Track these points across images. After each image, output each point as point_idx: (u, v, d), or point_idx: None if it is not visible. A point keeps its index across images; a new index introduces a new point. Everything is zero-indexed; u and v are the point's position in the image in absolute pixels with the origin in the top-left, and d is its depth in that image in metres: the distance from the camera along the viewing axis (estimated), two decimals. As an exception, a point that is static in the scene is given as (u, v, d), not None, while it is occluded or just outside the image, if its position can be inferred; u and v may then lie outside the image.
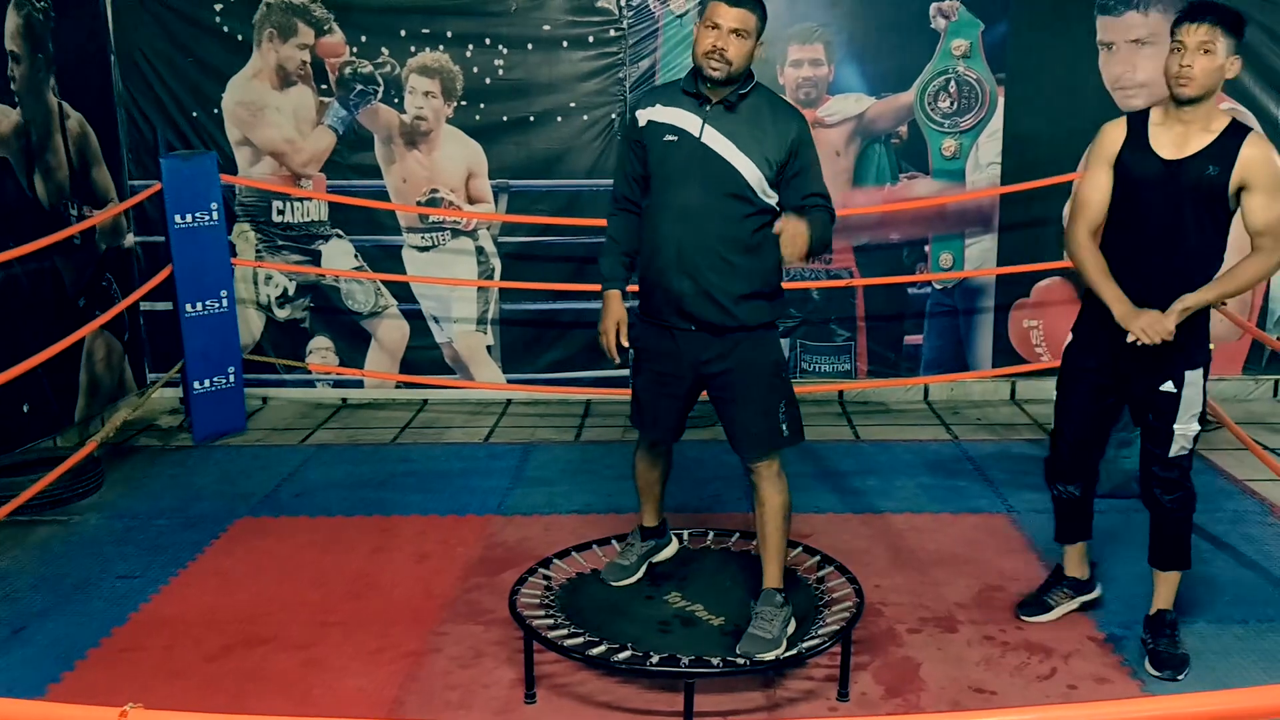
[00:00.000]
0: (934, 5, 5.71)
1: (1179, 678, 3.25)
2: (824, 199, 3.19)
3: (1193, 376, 3.21)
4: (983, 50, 5.73)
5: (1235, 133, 3.10)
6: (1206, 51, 3.02)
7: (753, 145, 3.11)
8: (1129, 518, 4.19)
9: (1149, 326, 3.05)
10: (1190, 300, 3.08)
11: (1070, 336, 3.43)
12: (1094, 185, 3.26)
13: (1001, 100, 5.77)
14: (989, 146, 5.82)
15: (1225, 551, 4.10)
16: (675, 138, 3.16)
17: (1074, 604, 3.62)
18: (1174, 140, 3.13)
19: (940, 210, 5.90)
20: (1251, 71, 5.69)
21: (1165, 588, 3.41)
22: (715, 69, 3.07)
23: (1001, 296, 5.99)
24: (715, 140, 3.12)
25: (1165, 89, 3.15)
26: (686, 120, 3.15)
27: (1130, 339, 3.08)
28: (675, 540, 3.76)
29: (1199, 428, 3.27)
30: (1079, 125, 5.28)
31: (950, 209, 5.90)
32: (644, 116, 3.24)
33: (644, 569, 3.62)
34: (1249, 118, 5.71)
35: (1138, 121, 3.21)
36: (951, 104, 5.79)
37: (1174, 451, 3.26)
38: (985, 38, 5.72)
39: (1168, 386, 3.21)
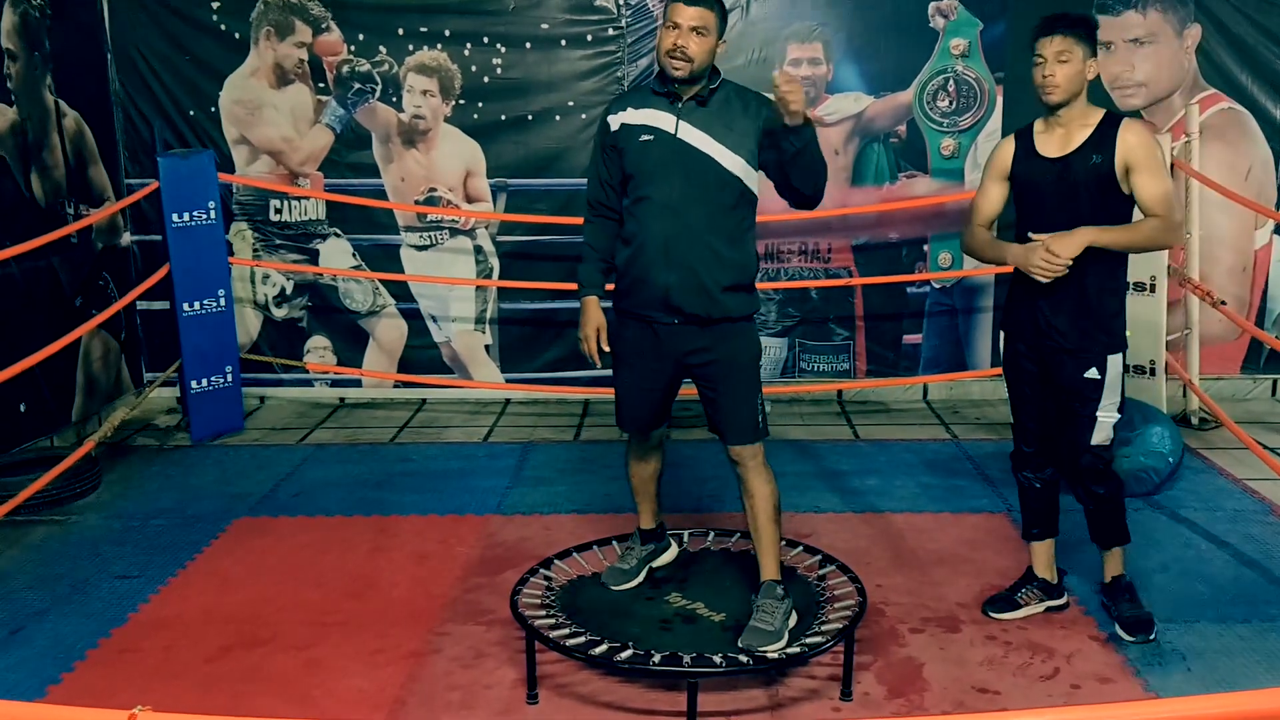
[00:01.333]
0: (933, 4, 5.70)
1: (1152, 637, 3.41)
2: None
3: (1114, 360, 3.34)
4: (981, 49, 5.73)
5: (1111, 122, 3.28)
6: (1063, 61, 3.22)
7: (728, 134, 3.17)
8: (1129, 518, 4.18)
9: (1045, 262, 3.17)
10: (1084, 233, 3.18)
11: (1002, 334, 3.57)
12: (985, 195, 3.47)
13: (1000, 99, 5.77)
14: (988, 146, 5.80)
15: (1226, 551, 4.10)
16: (651, 137, 3.20)
17: (1040, 607, 3.63)
18: (1058, 141, 3.32)
19: (939, 209, 5.89)
20: (1250, 72, 5.70)
21: (1113, 560, 3.57)
22: (678, 68, 3.13)
23: (1000, 296, 5.97)
24: (691, 135, 3.17)
25: (1163, 88, 3.24)
26: (660, 119, 3.20)
27: (1039, 278, 3.22)
28: (675, 544, 3.75)
29: (1116, 416, 3.37)
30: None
31: (949, 208, 5.89)
32: (616, 121, 3.28)
33: (644, 573, 3.61)
34: (1246, 117, 5.73)
35: (1024, 134, 3.42)
36: (950, 103, 5.79)
37: (1096, 439, 3.36)
38: (984, 37, 5.72)
39: (1092, 373, 3.33)
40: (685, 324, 3.25)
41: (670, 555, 3.71)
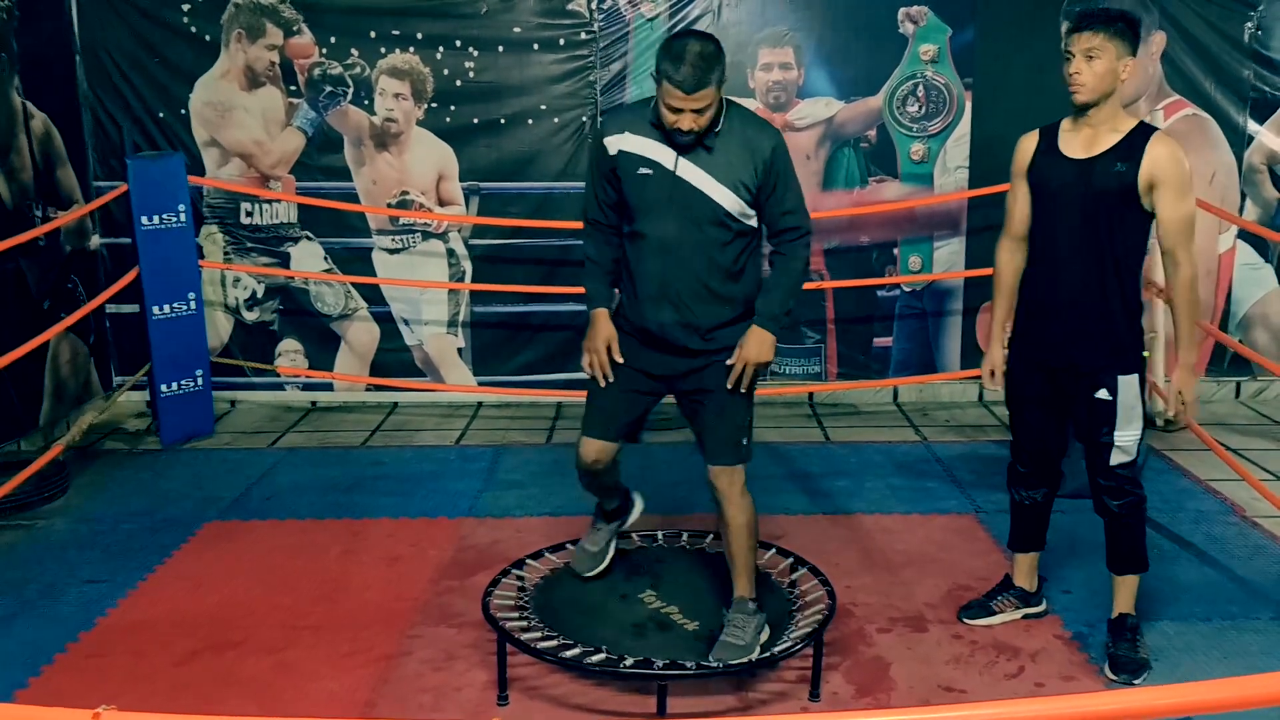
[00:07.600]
0: (902, 10, 5.75)
1: (1135, 682, 3.26)
2: (797, 225, 3.18)
3: (1127, 381, 3.22)
4: (950, 55, 5.79)
5: (1143, 133, 3.16)
6: (1092, 58, 3.08)
7: (728, 173, 3.05)
8: (1094, 516, 4.22)
9: (1189, 409, 3.26)
10: (1187, 367, 3.22)
11: (1007, 351, 3.47)
12: (1014, 196, 3.41)
13: (969, 105, 5.82)
14: (957, 150, 5.87)
15: (1189, 551, 4.16)
16: (650, 171, 3.09)
17: (1017, 614, 3.62)
18: (1083, 142, 3.20)
19: (909, 213, 5.94)
20: (1214, 79, 5.78)
21: (1125, 591, 3.42)
22: (685, 139, 3.02)
23: (969, 299, 6.03)
24: (690, 172, 3.06)
25: (1128, 94, 3.21)
26: (660, 153, 3.08)
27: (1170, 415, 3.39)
28: (639, 499, 3.70)
29: (1138, 435, 3.28)
30: (1045, 130, 5.33)
31: (919, 212, 5.95)
32: (614, 145, 3.14)
33: (613, 552, 3.60)
34: (1210, 124, 5.81)
35: (1049, 131, 3.30)
36: (920, 108, 5.84)
37: (1114, 460, 3.27)
38: (953, 43, 5.77)
39: (1103, 394, 3.22)
40: (681, 355, 3.23)
41: (638, 511, 3.68)
